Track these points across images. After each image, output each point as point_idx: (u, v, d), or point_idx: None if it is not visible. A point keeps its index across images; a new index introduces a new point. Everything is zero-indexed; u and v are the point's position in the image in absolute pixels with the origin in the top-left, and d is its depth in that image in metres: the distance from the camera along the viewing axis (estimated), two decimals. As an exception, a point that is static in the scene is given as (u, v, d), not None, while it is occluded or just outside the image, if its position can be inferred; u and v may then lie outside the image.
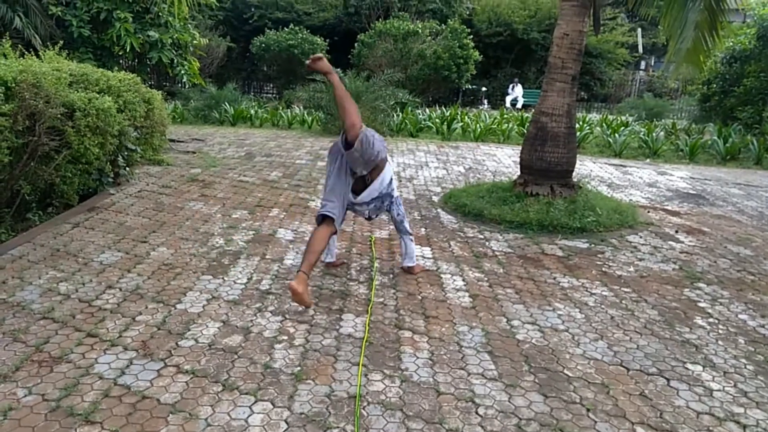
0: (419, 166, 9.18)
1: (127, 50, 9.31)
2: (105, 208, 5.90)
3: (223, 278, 4.32)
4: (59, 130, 5.46)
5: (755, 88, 11.99)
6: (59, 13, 9.14)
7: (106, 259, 4.56)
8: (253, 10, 25.91)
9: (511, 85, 23.62)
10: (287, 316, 3.76)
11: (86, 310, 3.68)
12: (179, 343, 3.34)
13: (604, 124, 13.55)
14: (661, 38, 33.64)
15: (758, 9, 11.76)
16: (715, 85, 13.61)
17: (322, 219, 3.98)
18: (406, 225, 4.50)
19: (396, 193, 4.42)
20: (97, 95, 6.06)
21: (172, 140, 10.64)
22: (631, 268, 4.94)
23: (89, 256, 4.60)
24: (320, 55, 3.92)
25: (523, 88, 23.48)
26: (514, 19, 24.08)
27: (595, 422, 2.78)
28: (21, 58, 6.12)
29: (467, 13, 23.67)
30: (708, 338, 3.72)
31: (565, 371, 3.24)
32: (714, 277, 4.81)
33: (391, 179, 4.33)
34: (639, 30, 27.98)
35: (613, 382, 3.14)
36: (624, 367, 3.32)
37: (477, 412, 2.82)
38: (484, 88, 24.60)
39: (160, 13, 9.82)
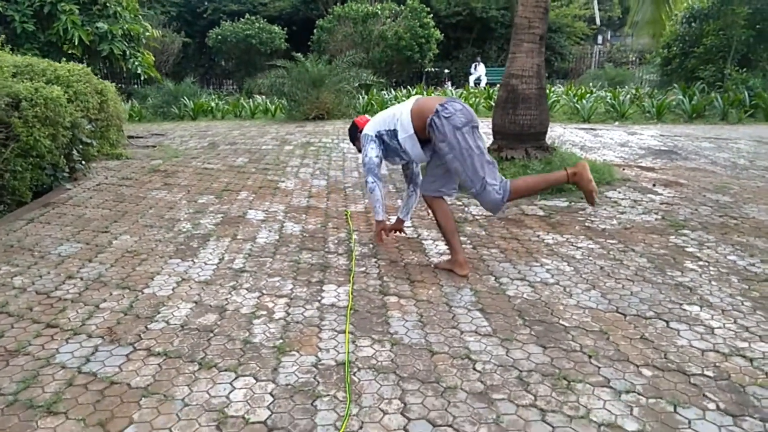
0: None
1: (76, 44, 8.85)
2: (61, 203, 5.56)
3: (192, 260, 4.06)
4: (5, 122, 5.10)
5: (715, 46, 12.09)
6: (0, 8, 8.64)
7: (64, 251, 4.25)
8: (206, 3, 25.30)
9: (473, 65, 23.53)
10: (264, 291, 3.53)
11: (44, 302, 3.39)
12: (149, 326, 3.09)
13: (570, 93, 13.53)
14: (616, 11, 34.10)
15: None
16: (675, 48, 13.70)
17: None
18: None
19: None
20: (45, 85, 5.70)
21: (131, 137, 10.22)
22: (614, 221, 4.84)
23: (46, 249, 4.29)
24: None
25: (486, 66, 23.43)
26: (472, -2, 24.01)
27: (599, 368, 2.64)
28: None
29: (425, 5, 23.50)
30: (701, 280, 3.62)
31: (561, 321, 3.09)
32: (698, 224, 4.73)
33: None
34: (595, 2, 28.21)
35: (611, 329, 3.00)
36: (620, 313, 3.19)
37: (475, 368, 2.65)
38: (446, 70, 24.48)
39: (107, 4, 9.37)
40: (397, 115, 3.78)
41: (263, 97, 14.75)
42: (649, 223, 4.78)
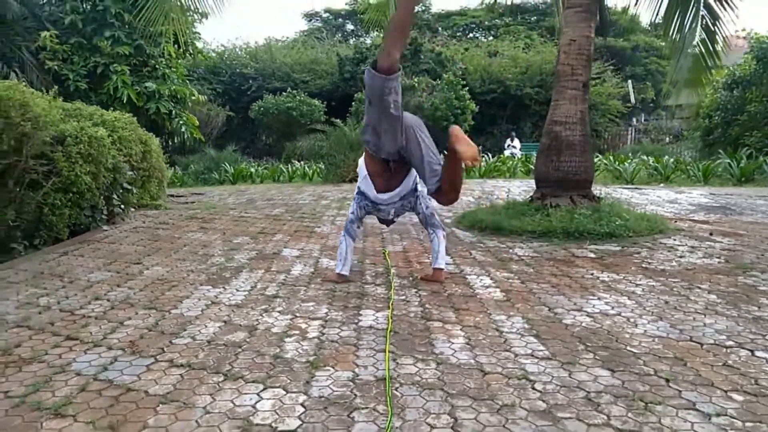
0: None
1: (124, 101, 9.18)
2: (97, 240, 5.50)
3: (224, 287, 3.86)
4: (48, 157, 5.16)
5: (760, 112, 11.85)
6: (56, 67, 9.10)
7: (94, 277, 4.12)
8: (251, 82, 26.45)
9: (508, 140, 23.69)
10: (297, 314, 3.28)
11: (67, 318, 3.21)
12: (173, 341, 2.86)
13: (611, 158, 13.33)
14: (650, 93, 34.39)
15: (755, 33, 11.79)
16: (716, 117, 13.50)
17: None
18: (437, 219, 4.00)
19: (421, 187, 3.91)
20: (90, 125, 5.80)
21: (171, 195, 10.37)
22: (674, 263, 4.49)
23: (76, 276, 4.17)
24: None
25: (520, 142, 23.55)
26: (506, 76, 24.52)
27: (680, 391, 2.28)
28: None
29: (460, 72, 24.11)
30: (782, 314, 3.23)
31: (628, 348, 2.74)
32: (767, 267, 4.34)
33: (416, 175, 3.83)
34: (630, 81, 28.50)
35: (687, 356, 2.64)
36: (695, 342, 2.82)
37: (534, 388, 2.32)
38: (480, 148, 24.70)
39: (157, 66, 9.77)
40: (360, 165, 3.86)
41: (302, 162, 14.97)
42: (711, 265, 4.41)
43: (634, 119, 34.78)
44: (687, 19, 8.14)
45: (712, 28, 8.27)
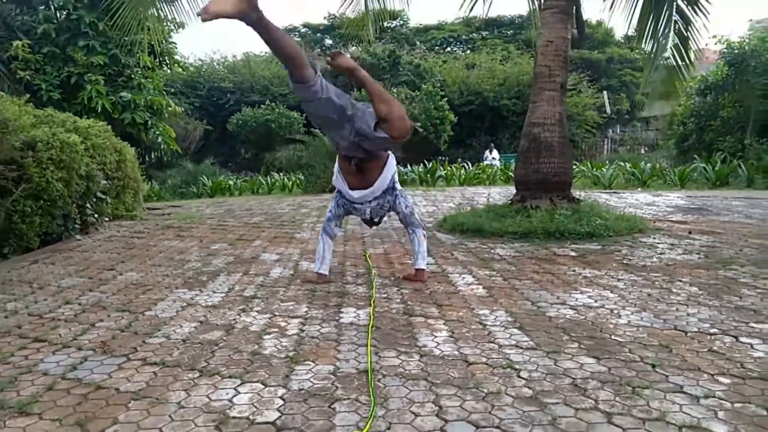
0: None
1: (98, 111, 9.02)
2: (69, 249, 5.35)
3: (200, 290, 3.76)
4: (18, 162, 5.02)
5: (732, 118, 12.09)
6: (28, 77, 8.92)
7: (65, 283, 3.98)
8: (228, 96, 26.31)
9: (486, 152, 23.83)
10: (277, 313, 3.20)
11: (36, 322, 3.09)
12: (147, 341, 2.76)
13: (588, 164, 13.46)
14: (624, 105, 34.98)
15: (727, 39, 12.02)
16: (691, 124, 13.73)
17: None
18: (416, 218, 3.91)
19: (399, 186, 3.88)
20: (62, 131, 5.67)
21: (147, 208, 10.19)
22: (654, 259, 4.49)
23: (46, 282, 4.03)
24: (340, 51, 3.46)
25: (499, 153, 23.71)
26: (484, 88, 24.74)
27: (666, 376, 2.24)
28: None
29: (438, 85, 24.30)
30: (763, 304, 3.23)
31: (613, 337, 2.71)
32: (746, 261, 4.37)
33: (394, 173, 3.78)
34: (605, 92, 28.97)
35: (672, 343, 2.61)
36: (680, 330, 2.80)
37: (519, 376, 2.26)
38: (459, 159, 24.81)
39: (132, 76, 9.65)
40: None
41: (281, 174, 14.87)
42: (692, 261, 4.43)
43: (610, 130, 35.30)
44: (660, 24, 8.26)
45: (685, 33, 8.42)
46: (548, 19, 6.09)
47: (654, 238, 5.39)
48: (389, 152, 3.69)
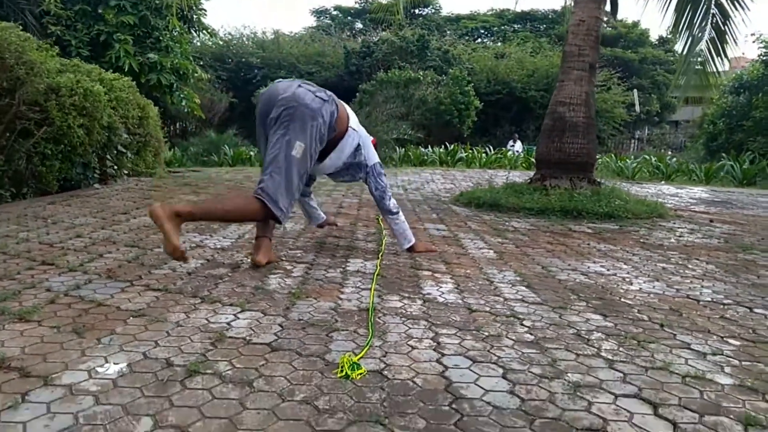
0: (425, 182, 8.74)
1: (125, 71, 9.07)
2: (87, 196, 5.40)
3: (210, 235, 3.77)
4: (42, 106, 5.06)
5: (765, 118, 11.76)
6: (59, 32, 8.99)
7: (78, 221, 4.02)
8: (256, 71, 26.37)
9: (510, 141, 23.60)
10: (284, 258, 3.18)
11: (45, 249, 3.11)
12: (152, 271, 2.76)
13: (613, 156, 13.24)
14: (654, 106, 34.31)
15: (764, 38, 11.67)
16: (721, 123, 13.41)
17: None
18: (388, 202, 3.40)
19: (373, 162, 3.41)
20: (87, 79, 5.71)
21: (168, 170, 10.27)
22: (672, 240, 4.39)
23: (60, 219, 4.07)
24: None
25: (523, 144, 23.45)
26: (512, 78, 24.44)
27: (675, 335, 2.18)
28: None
29: (465, 72, 24.09)
30: (782, 283, 3.13)
31: (622, 300, 2.65)
32: (767, 248, 4.25)
33: (358, 146, 3.29)
34: (635, 91, 28.43)
35: (683, 309, 2.54)
36: (692, 299, 2.72)
37: (522, 324, 2.22)
38: (480, 146, 24.59)
39: (161, 37, 9.68)
40: None
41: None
42: (711, 244, 4.32)
43: (638, 131, 34.71)
44: (697, 16, 8.04)
45: (722, 27, 8.18)
46: (581, -3, 5.95)
47: (674, 223, 5.28)
48: (345, 129, 3.20)
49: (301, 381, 1.62)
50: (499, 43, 35.22)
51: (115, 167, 6.53)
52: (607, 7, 6.41)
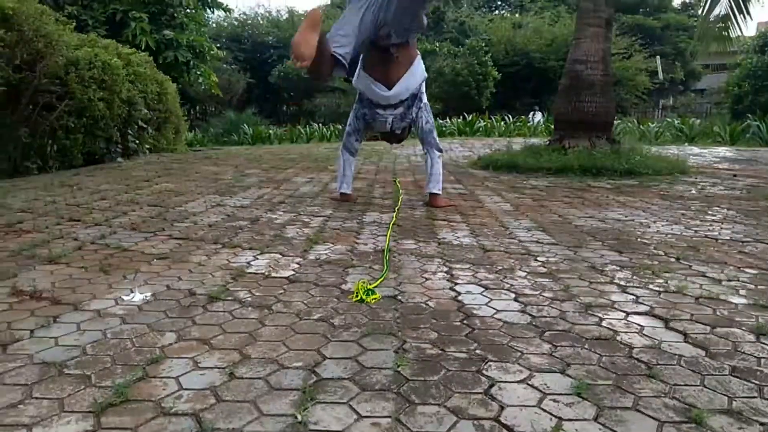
0: (444, 150, 8.69)
1: (142, 48, 9.15)
2: (111, 168, 5.51)
3: (230, 196, 3.83)
4: (62, 80, 5.16)
5: (792, 77, 11.45)
6: (75, 12, 9.10)
7: (103, 187, 4.12)
8: (272, 51, 26.35)
9: (531, 113, 23.29)
10: (302, 213, 3.23)
11: (72, 208, 3.21)
12: (174, 224, 2.84)
13: (635, 120, 13.02)
14: (678, 73, 33.46)
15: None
16: (747, 85, 13.08)
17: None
18: (435, 137, 3.70)
19: (426, 100, 3.61)
20: (105, 53, 5.79)
21: (189, 149, 10.39)
22: (693, 192, 4.35)
23: (86, 185, 4.18)
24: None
25: (543, 115, 23.14)
26: (530, 48, 24.03)
27: (690, 266, 2.18)
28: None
29: (483, 43, 23.75)
30: (804, 225, 3.09)
31: (639, 240, 2.65)
32: (791, 196, 4.18)
33: (424, 79, 3.53)
34: (658, 57, 27.74)
35: (701, 245, 2.54)
36: (711, 238, 2.71)
37: (536, 260, 2.25)
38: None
39: (175, 15, 9.73)
40: None
41: (320, 124, 14.92)
42: (733, 195, 4.26)
43: (662, 100, 33.93)
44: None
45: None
46: (597, -50, 5.82)
47: (696, 178, 5.21)
48: (417, 53, 3.50)
49: (318, 305, 1.67)
50: (517, 15, 34.60)
51: (137, 142, 6.64)
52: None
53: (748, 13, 8.15)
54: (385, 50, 3.26)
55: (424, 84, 3.55)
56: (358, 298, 1.70)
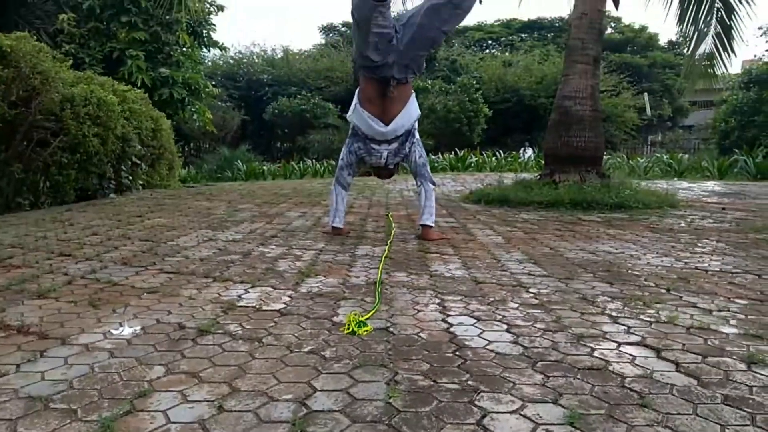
0: (437, 185, 8.76)
1: (138, 85, 9.27)
2: (103, 204, 5.51)
3: (223, 231, 3.83)
4: (57, 116, 5.20)
5: (776, 113, 11.69)
6: (72, 50, 9.23)
7: (95, 223, 4.11)
8: (267, 88, 26.67)
9: (522, 149, 23.56)
10: (294, 247, 3.23)
11: (63, 244, 3.20)
12: (166, 259, 2.83)
13: (624, 156, 13.18)
14: (666, 110, 34.09)
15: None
16: (733, 120, 13.32)
17: None
18: (429, 170, 3.76)
19: (418, 135, 3.69)
20: (100, 89, 5.86)
21: (182, 185, 10.42)
22: (683, 225, 4.38)
23: (77, 221, 4.17)
24: None
25: (533, 151, 23.40)
26: (521, 86, 24.46)
27: (681, 296, 2.19)
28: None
29: (474, 82, 24.16)
30: (793, 256, 3.12)
31: (630, 271, 2.66)
32: (779, 229, 4.22)
33: (417, 116, 3.63)
34: (645, 94, 28.30)
35: (691, 277, 2.55)
36: (700, 269, 2.73)
37: (528, 291, 2.25)
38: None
39: (171, 53, 9.88)
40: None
41: (314, 160, 15.02)
42: (722, 227, 4.30)
43: (651, 136, 34.44)
44: (702, 10, 8.05)
45: (728, 22, 8.17)
46: (583, -9, 6.00)
47: (685, 212, 5.26)
48: (412, 92, 3.59)
49: (309, 337, 1.66)
50: (507, 53, 35.34)
51: (130, 178, 6.66)
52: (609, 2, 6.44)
53: (732, 50, 8.35)
54: (385, 84, 3.34)
55: (417, 123, 3.63)
56: (350, 330, 1.69)
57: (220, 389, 1.29)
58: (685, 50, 8.48)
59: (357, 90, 3.55)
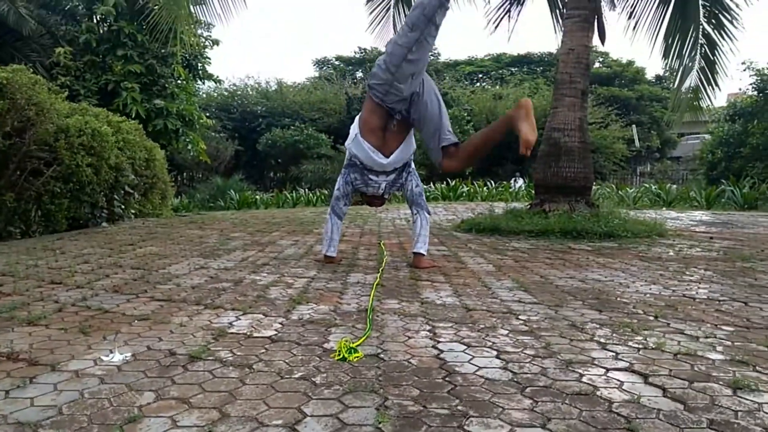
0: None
1: (133, 117, 9.34)
2: (95, 233, 5.51)
3: (214, 259, 3.84)
4: (51, 146, 5.23)
5: (762, 144, 11.89)
6: (68, 82, 9.32)
7: (86, 251, 4.10)
8: (260, 120, 26.89)
9: (513, 179, 23.78)
10: (285, 275, 3.24)
11: (54, 272, 3.19)
12: (157, 287, 2.83)
13: (613, 186, 13.33)
14: (654, 141, 34.60)
15: (755, 66, 11.93)
16: (720, 152, 13.55)
17: None
18: (424, 199, 3.79)
19: (413, 165, 3.77)
20: (95, 120, 5.90)
21: (175, 213, 10.42)
22: (671, 254, 4.43)
23: (68, 250, 4.16)
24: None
25: (525, 180, 23.60)
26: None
27: (668, 323, 2.22)
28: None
29: (466, 114, 24.48)
30: (779, 284, 3.16)
31: (619, 299, 2.69)
32: (767, 257, 4.27)
33: (414, 150, 3.67)
34: (634, 126, 28.75)
35: (679, 304, 2.58)
36: (688, 297, 2.76)
37: (518, 318, 2.27)
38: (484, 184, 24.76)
39: (167, 85, 9.99)
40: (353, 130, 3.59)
41: (306, 189, 15.08)
42: (710, 256, 4.35)
43: (639, 167, 34.88)
44: (686, 46, 8.25)
45: (711, 57, 8.38)
46: (570, 28, 6.16)
47: (673, 240, 5.31)
48: (412, 126, 3.63)
49: (299, 363, 1.67)
50: (497, 87, 35.88)
51: (123, 207, 6.66)
52: (596, 37, 6.61)
53: (717, 85, 8.55)
54: (389, 116, 3.38)
55: (413, 154, 3.68)
56: (341, 356, 1.70)
57: (210, 414, 1.30)
58: (671, 84, 8.65)
59: (357, 119, 3.54)
